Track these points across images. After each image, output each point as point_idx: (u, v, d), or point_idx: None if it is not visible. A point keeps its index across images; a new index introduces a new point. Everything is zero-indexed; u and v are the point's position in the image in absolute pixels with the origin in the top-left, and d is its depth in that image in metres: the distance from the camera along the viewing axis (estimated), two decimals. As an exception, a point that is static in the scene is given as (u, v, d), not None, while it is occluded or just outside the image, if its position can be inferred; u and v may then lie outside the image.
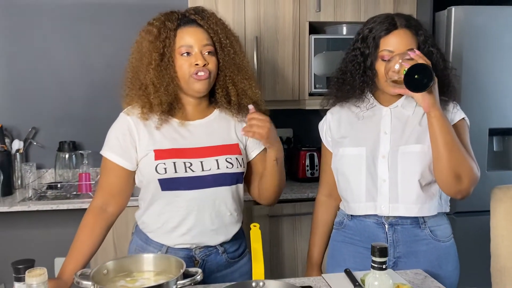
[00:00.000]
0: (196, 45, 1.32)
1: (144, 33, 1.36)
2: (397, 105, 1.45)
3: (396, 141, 1.41)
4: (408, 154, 1.39)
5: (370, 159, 1.42)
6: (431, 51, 1.39)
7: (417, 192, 1.39)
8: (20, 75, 2.69)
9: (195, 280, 1.06)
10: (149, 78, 1.32)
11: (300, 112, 2.71)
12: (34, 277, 0.97)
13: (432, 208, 1.42)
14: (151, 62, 1.31)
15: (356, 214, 1.47)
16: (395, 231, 1.42)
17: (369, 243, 1.43)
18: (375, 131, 1.44)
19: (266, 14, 2.48)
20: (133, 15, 2.69)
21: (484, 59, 2.35)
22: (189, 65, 1.32)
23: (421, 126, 1.41)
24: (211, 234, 1.36)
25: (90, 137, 2.69)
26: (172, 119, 1.36)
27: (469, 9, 2.34)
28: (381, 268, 0.96)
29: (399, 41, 1.36)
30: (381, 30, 1.38)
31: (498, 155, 2.51)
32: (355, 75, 1.44)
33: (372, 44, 1.39)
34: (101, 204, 1.35)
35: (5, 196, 2.40)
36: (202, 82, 1.33)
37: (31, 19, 2.67)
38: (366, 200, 1.43)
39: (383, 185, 1.41)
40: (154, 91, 1.31)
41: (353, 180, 1.45)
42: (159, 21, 1.34)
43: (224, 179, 1.36)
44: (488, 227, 1.59)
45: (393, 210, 1.41)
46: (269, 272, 1.89)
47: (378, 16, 1.43)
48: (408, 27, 1.37)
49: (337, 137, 1.51)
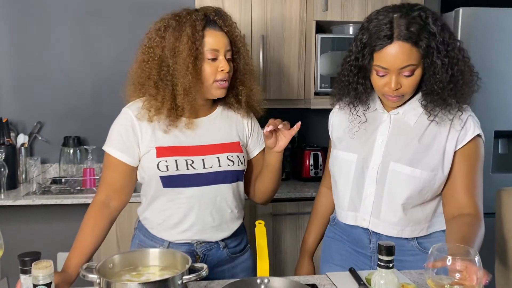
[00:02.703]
0: (221, 50, 1.32)
1: (172, 30, 1.31)
2: (399, 112, 1.34)
3: (389, 154, 1.32)
4: (396, 173, 1.30)
5: (360, 168, 1.35)
6: (435, 63, 1.23)
7: (399, 215, 1.31)
8: (26, 70, 2.70)
9: (201, 275, 1.06)
10: (185, 82, 1.29)
11: (305, 111, 2.71)
12: (40, 269, 0.97)
13: (417, 231, 1.34)
14: (188, 66, 1.28)
15: (341, 221, 1.44)
16: (379, 238, 1.35)
17: (355, 245, 1.43)
18: (370, 138, 1.36)
19: (273, 13, 2.48)
20: (141, 12, 2.69)
21: (491, 61, 2.34)
22: (214, 70, 1.32)
23: (420, 143, 1.30)
24: (212, 231, 1.37)
25: (95, 132, 2.69)
26: (180, 118, 1.36)
27: (476, 11, 2.34)
28: (387, 266, 0.96)
29: (394, 59, 1.21)
30: (375, 42, 1.23)
31: (503, 157, 2.51)
32: (350, 83, 1.35)
33: (366, 56, 1.27)
34: (104, 199, 1.35)
35: (9, 190, 2.41)
36: (224, 89, 1.35)
37: (38, 14, 2.67)
38: (348, 209, 1.39)
39: (368, 198, 1.35)
40: (184, 95, 1.30)
41: (340, 185, 1.42)
42: (189, 20, 1.30)
43: (225, 177, 1.36)
44: (493, 229, 1.59)
45: (373, 225, 1.35)
46: (271, 270, 1.88)
47: (377, 15, 1.27)
48: (406, 39, 1.20)
49: (335, 137, 1.47)
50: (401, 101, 1.32)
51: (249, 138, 1.48)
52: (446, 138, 1.29)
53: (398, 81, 1.25)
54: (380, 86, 1.28)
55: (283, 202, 2.39)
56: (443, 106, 1.26)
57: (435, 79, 1.25)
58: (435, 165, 1.29)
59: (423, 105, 1.31)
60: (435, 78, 1.24)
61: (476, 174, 1.29)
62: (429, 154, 1.29)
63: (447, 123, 1.29)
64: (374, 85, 1.31)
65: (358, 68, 1.32)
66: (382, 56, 1.23)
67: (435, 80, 1.25)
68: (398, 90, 1.26)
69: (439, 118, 1.29)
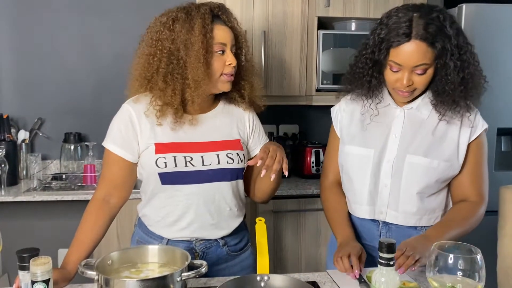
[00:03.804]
0: (228, 44, 1.32)
1: (183, 22, 1.29)
2: (412, 106, 1.39)
3: (404, 147, 1.36)
4: (414, 165, 1.34)
5: (376, 162, 1.39)
6: (448, 64, 1.27)
7: (417, 204, 1.36)
8: (27, 66, 2.70)
9: (200, 272, 1.05)
10: (197, 74, 1.28)
11: (307, 108, 2.70)
12: (38, 265, 0.97)
13: (432, 220, 1.38)
14: (200, 58, 1.27)
15: (355, 215, 1.45)
16: (389, 229, 1.40)
17: (362, 237, 1.43)
18: (385, 133, 1.40)
19: (275, 9, 2.47)
20: (141, 7, 2.68)
21: (494, 57, 2.32)
22: (222, 64, 1.32)
23: (434, 136, 1.35)
24: (211, 229, 1.36)
25: (96, 129, 2.69)
26: (184, 115, 1.34)
27: (479, 7, 2.32)
28: (388, 264, 0.96)
29: (409, 56, 1.26)
30: (394, 39, 1.27)
31: (506, 155, 2.49)
32: (364, 76, 1.38)
33: (383, 51, 1.31)
34: (104, 196, 1.34)
35: (10, 186, 2.41)
36: (230, 83, 1.35)
37: (38, 11, 2.67)
38: (367, 204, 1.41)
39: (384, 190, 1.38)
40: (195, 88, 1.29)
41: (356, 181, 1.43)
42: (198, 13, 1.30)
43: (224, 174, 1.35)
44: (495, 227, 1.58)
45: (390, 217, 1.38)
46: (272, 267, 1.88)
47: (397, 13, 1.30)
48: (423, 39, 1.24)
49: (347, 133, 1.47)
50: (411, 97, 1.36)
51: (250, 136, 1.47)
52: (458, 132, 1.36)
53: (410, 78, 1.29)
54: (392, 81, 1.32)
55: (284, 199, 2.38)
56: (452, 106, 1.32)
57: (446, 80, 1.30)
58: (450, 155, 1.35)
59: (433, 104, 1.36)
60: (447, 79, 1.29)
61: (483, 165, 1.38)
62: (444, 145, 1.35)
63: (457, 121, 1.36)
64: (387, 80, 1.35)
65: (373, 62, 1.35)
66: (398, 52, 1.27)
67: (446, 81, 1.30)
68: (409, 86, 1.31)
69: (448, 117, 1.35)
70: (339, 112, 1.51)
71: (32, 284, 0.97)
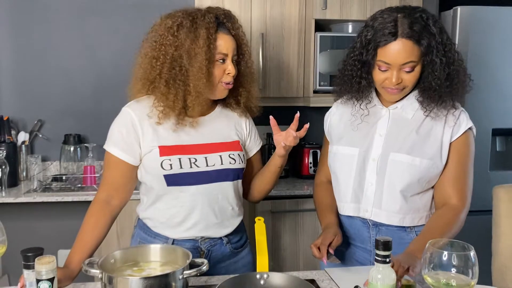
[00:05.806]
0: (230, 54, 1.34)
1: (187, 31, 1.30)
2: (397, 106, 1.41)
3: (389, 145, 1.39)
4: (397, 163, 1.36)
5: (361, 161, 1.41)
6: (434, 61, 1.31)
7: (400, 203, 1.37)
8: (26, 68, 2.71)
9: (201, 270, 1.08)
10: (199, 85, 1.30)
11: (304, 109, 2.72)
12: (43, 264, 0.99)
13: (416, 220, 1.39)
14: (202, 69, 1.29)
15: (341, 214, 1.48)
16: (379, 231, 1.41)
17: (354, 239, 1.46)
18: (371, 132, 1.42)
19: (273, 11, 2.49)
20: (141, 10, 2.70)
21: (489, 59, 2.35)
22: (222, 72, 1.34)
23: (418, 134, 1.37)
24: (215, 227, 1.39)
25: (95, 130, 2.71)
26: (185, 117, 1.37)
27: (474, 9, 2.35)
28: (384, 261, 0.98)
29: (397, 55, 1.29)
30: (380, 39, 1.30)
31: (501, 155, 2.52)
32: (354, 77, 1.41)
33: (371, 51, 1.34)
34: (105, 197, 1.36)
35: (10, 187, 2.43)
36: (227, 90, 1.38)
37: (38, 13, 2.68)
38: (351, 201, 1.43)
39: (369, 189, 1.40)
40: (196, 96, 1.32)
41: (342, 179, 1.45)
42: (203, 22, 1.31)
43: (227, 175, 1.38)
44: (490, 226, 1.60)
45: (375, 215, 1.40)
46: (270, 267, 1.90)
47: (382, 14, 1.34)
48: (409, 37, 1.28)
49: (335, 134, 1.51)
50: (401, 95, 1.39)
51: (247, 138, 1.51)
52: (442, 130, 1.37)
53: (399, 76, 1.32)
54: (381, 80, 1.35)
55: (282, 200, 2.41)
56: (439, 102, 1.34)
57: (433, 76, 1.32)
58: (433, 154, 1.36)
59: (419, 101, 1.38)
60: (433, 75, 1.32)
61: (466, 166, 1.38)
62: (427, 144, 1.36)
63: (442, 118, 1.37)
64: (375, 79, 1.37)
65: (361, 63, 1.38)
66: (386, 51, 1.31)
67: (433, 77, 1.32)
68: (399, 84, 1.33)
69: (434, 114, 1.36)
70: (329, 115, 1.56)
71: (37, 282, 0.99)
